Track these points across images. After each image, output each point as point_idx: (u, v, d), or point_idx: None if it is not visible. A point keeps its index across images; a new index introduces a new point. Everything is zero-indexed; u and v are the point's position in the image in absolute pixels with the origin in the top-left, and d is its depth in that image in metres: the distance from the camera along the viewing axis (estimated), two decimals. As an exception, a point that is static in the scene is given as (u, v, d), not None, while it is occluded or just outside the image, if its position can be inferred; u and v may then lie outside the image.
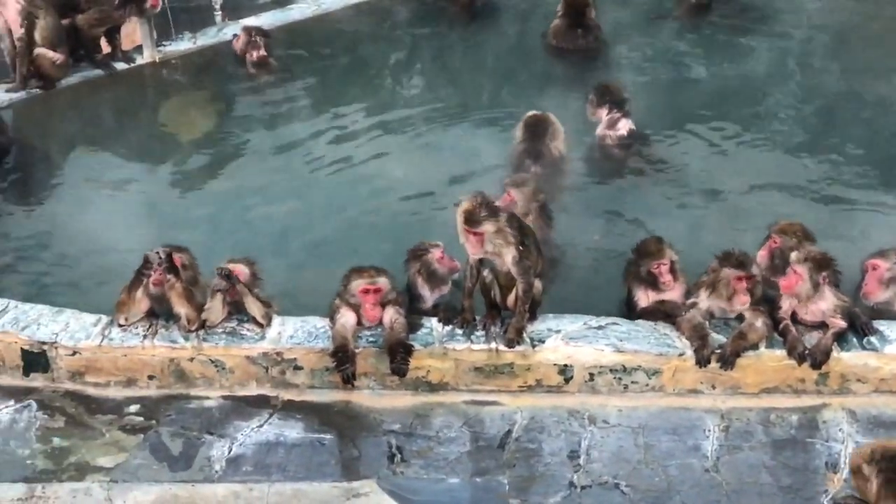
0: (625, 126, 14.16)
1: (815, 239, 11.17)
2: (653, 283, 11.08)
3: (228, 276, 10.65)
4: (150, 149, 14.69)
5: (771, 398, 10.47)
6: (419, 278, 11.09)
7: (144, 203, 13.29)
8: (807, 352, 10.36)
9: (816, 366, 10.37)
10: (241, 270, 10.83)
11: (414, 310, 10.97)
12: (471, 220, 10.21)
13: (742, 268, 10.52)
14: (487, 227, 10.24)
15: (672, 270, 11.03)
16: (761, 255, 11.24)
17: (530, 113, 13.80)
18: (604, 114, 14.17)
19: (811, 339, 10.47)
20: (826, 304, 10.49)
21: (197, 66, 16.49)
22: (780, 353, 10.44)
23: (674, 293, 11.06)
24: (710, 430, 10.13)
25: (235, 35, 16.54)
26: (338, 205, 13.18)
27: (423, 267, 11.06)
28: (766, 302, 10.71)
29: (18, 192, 13.79)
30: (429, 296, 11.11)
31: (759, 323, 10.49)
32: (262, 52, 16.32)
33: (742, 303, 10.53)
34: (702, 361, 10.37)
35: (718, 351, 10.41)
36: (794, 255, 10.51)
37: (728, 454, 9.88)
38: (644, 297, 11.11)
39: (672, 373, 10.42)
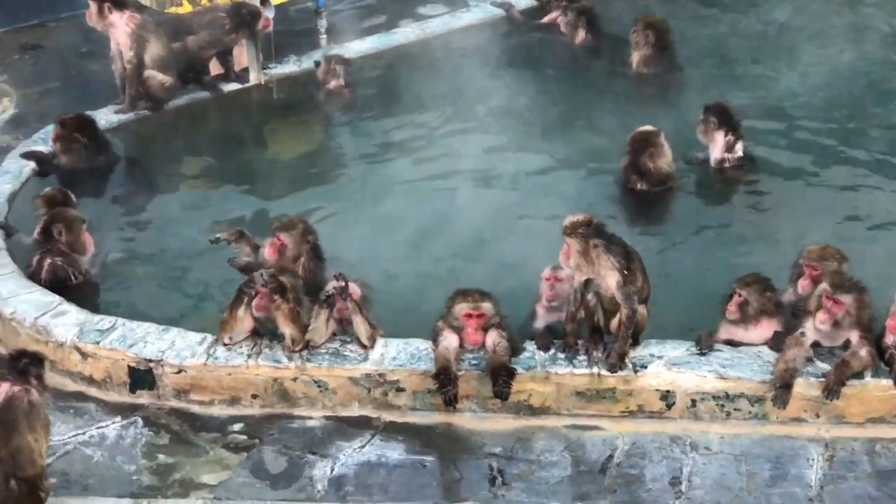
0: (740, 148, 14.11)
1: (849, 258, 11.09)
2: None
3: (344, 287, 10.72)
4: (251, 170, 14.79)
5: (876, 428, 10.32)
6: (539, 296, 11.14)
7: (244, 222, 13.39)
8: (914, 382, 10.24)
9: (923, 396, 10.24)
10: (353, 289, 10.89)
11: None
12: (566, 228, 10.35)
13: (839, 289, 10.36)
14: (572, 242, 10.31)
15: (743, 305, 10.84)
16: (803, 285, 11.07)
17: (639, 128, 13.84)
18: (720, 136, 14.09)
19: (918, 369, 10.34)
20: None
21: (301, 88, 16.56)
22: (887, 382, 10.28)
23: (752, 333, 10.94)
24: (813, 459, 10.02)
25: (317, 62, 16.63)
26: (430, 227, 13.25)
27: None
28: (871, 331, 10.57)
29: (124, 211, 13.96)
30: (542, 315, 11.12)
31: (864, 352, 10.33)
32: (340, 82, 16.36)
33: (821, 321, 10.36)
34: (778, 405, 10.29)
35: (822, 379, 10.31)
36: None
37: (832, 484, 9.76)
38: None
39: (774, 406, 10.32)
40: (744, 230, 13.17)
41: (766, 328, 10.78)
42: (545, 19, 18.23)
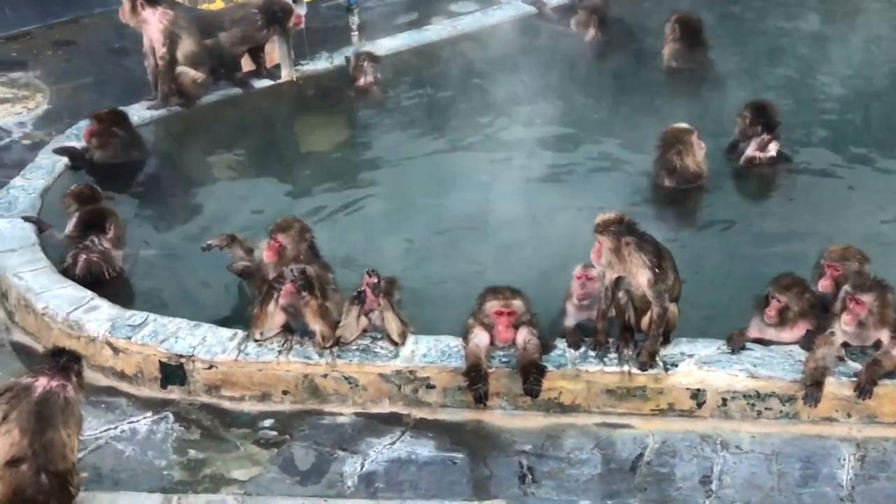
0: (773, 148, 14.07)
1: (870, 259, 11.04)
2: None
3: (377, 283, 10.74)
4: (283, 166, 14.85)
5: (909, 428, 10.30)
6: (570, 294, 11.11)
7: (275, 218, 13.43)
8: (947, 381, 10.19)
9: (956, 396, 10.19)
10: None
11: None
12: (598, 226, 10.34)
13: (860, 289, 10.33)
14: (604, 239, 10.30)
15: (784, 310, 10.75)
16: (824, 285, 11.00)
17: (672, 125, 13.84)
18: (755, 134, 14.07)
19: (952, 368, 10.27)
20: None
21: (332, 85, 16.60)
22: (919, 382, 10.26)
23: (786, 333, 10.85)
24: (845, 459, 9.98)
25: (347, 58, 16.66)
26: (461, 223, 13.30)
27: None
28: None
29: (155, 207, 14.02)
30: (573, 313, 11.10)
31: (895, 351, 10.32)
32: (369, 79, 16.35)
33: (846, 322, 10.32)
34: (809, 403, 10.23)
35: (854, 379, 10.27)
36: None
37: (864, 484, 9.72)
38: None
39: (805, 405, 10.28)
40: (773, 229, 13.13)
41: (801, 328, 10.75)
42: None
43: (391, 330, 10.75)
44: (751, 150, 14.11)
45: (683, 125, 13.82)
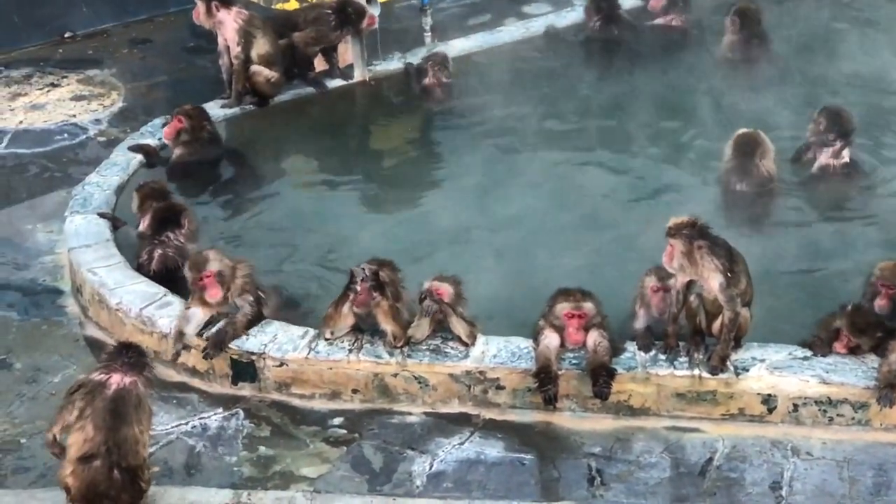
0: (847, 155, 13.88)
1: None
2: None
3: (435, 300, 10.77)
4: (352, 165, 14.93)
5: (985, 437, 10.19)
6: (638, 297, 11.07)
7: (347, 216, 13.53)
8: None
9: None
10: (446, 289, 10.90)
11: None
12: (670, 229, 10.29)
13: None
14: (677, 243, 10.25)
15: (855, 348, 10.62)
16: (881, 305, 10.90)
17: (740, 131, 13.68)
18: (829, 139, 13.89)
19: None
20: None
21: (405, 86, 16.63)
22: None
23: None
24: (919, 468, 9.91)
25: (410, 64, 16.70)
26: (529, 224, 13.32)
27: (643, 287, 11.03)
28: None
29: (227, 205, 14.10)
30: (641, 315, 11.04)
31: (970, 359, 10.22)
32: (432, 81, 16.38)
33: None
34: (884, 403, 10.12)
35: (929, 385, 10.21)
36: None
37: (938, 493, 9.64)
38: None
39: (880, 407, 10.18)
40: (846, 237, 12.96)
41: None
42: (657, 20, 18.05)
43: (459, 332, 10.76)
44: (824, 158, 13.86)
45: (752, 130, 13.67)
